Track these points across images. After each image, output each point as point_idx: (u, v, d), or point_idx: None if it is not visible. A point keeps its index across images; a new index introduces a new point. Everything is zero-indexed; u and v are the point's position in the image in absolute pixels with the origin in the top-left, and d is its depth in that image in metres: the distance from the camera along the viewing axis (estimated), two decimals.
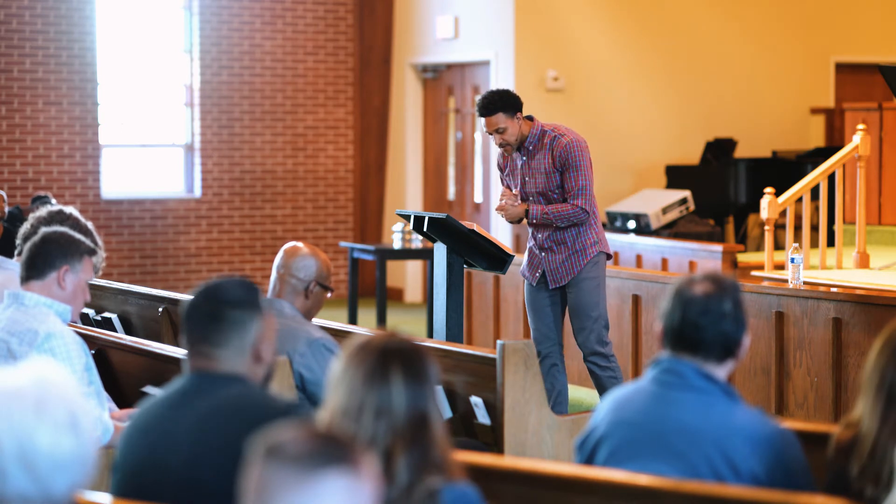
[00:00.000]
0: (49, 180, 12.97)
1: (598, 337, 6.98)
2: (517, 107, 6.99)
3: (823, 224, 9.31)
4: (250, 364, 3.45)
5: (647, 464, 3.37)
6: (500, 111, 6.97)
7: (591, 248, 7.02)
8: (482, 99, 7.02)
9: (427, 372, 3.01)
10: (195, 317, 3.46)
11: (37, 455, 2.37)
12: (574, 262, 7.01)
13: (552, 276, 7.06)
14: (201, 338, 3.43)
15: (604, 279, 7.08)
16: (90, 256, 4.86)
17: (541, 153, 7.00)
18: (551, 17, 12.92)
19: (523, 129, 7.02)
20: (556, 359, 7.10)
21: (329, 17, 14.21)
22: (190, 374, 3.46)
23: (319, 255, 5.11)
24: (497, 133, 7.00)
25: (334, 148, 14.30)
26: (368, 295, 13.52)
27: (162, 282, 13.25)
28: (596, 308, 7.00)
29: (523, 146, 7.04)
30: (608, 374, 6.96)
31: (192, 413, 3.37)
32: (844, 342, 7.45)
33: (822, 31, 13.84)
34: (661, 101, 13.27)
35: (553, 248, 7.04)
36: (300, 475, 2.26)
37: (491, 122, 7.00)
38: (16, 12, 12.83)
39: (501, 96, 7.00)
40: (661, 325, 3.48)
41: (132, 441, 3.45)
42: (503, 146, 7.05)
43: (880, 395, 3.27)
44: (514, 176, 7.14)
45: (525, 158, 7.05)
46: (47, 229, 4.94)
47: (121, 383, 5.56)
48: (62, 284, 4.78)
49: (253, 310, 3.45)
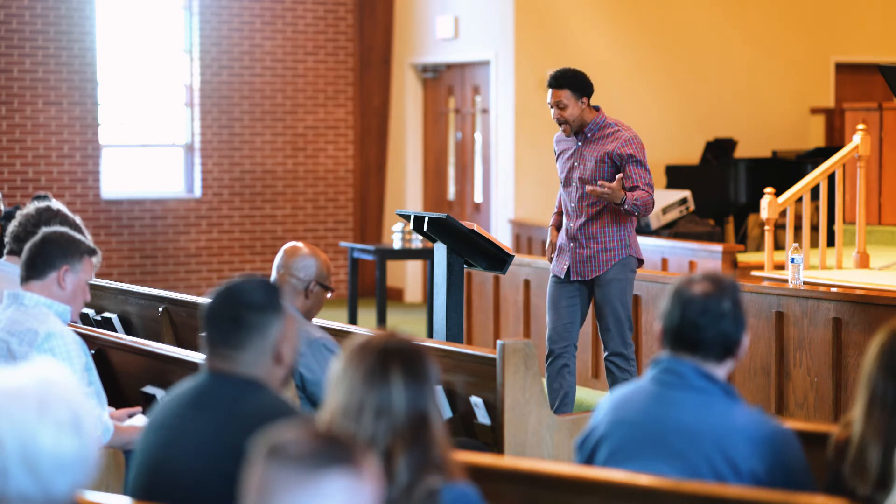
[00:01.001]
0: (49, 180, 12.97)
1: (623, 338, 7.02)
2: (586, 91, 7.08)
3: (823, 224, 9.31)
4: (270, 365, 3.42)
5: (647, 464, 3.37)
6: (568, 88, 7.05)
7: (620, 250, 7.03)
8: (556, 71, 7.13)
9: (427, 372, 3.01)
10: (215, 319, 3.43)
11: (39, 455, 2.37)
12: (601, 260, 7.03)
13: (576, 269, 7.08)
14: (220, 340, 3.41)
15: (632, 282, 7.11)
16: (90, 256, 4.86)
17: (598, 143, 7.05)
18: (551, 17, 12.92)
19: (585, 115, 7.08)
20: (569, 360, 7.10)
21: (329, 17, 14.21)
22: (207, 373, 3.44)
23: (319, 255, 5.11)
24: (557, 107, 7.06)
25: (334, 148, 14.30)
26: (368, 295, 13.52)
27: (162, 282, 13.25)
28: (623, 309, 7.04)
29: (582, 132, 7.10)
30: (625, 376, 6.98)
31: (209, 416, 3.37)
32: (844, 342, 7.45)
33: (822, 31, 13.84)
34: (661, 101, 13.27)
35: (582, 242, 7.07)
36: (302, 475, 2.26)
37: (555, 94, 7.07)
38: (16, 12, 12.83)
39: (574, 74, 7.11)
40: (661, 324, 3.48)
41: (148, 437, 3.47)
42: (560, 123, 7.09)
43: (865, 395, 3.31)
44: (564, 159, 7.18)
45: (580, 144, 7.10)
46: (48, 229, 4.94)
47: (121, 383, 5.56)
48: (62, 284, 4.78)
49: (274, 312, 3.42)
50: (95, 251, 4.91)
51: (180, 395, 3.48)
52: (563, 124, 7.07)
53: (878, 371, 3.31)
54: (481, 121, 13.46)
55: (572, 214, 7.13)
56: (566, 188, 7.17)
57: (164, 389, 5.26)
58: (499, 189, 13.03)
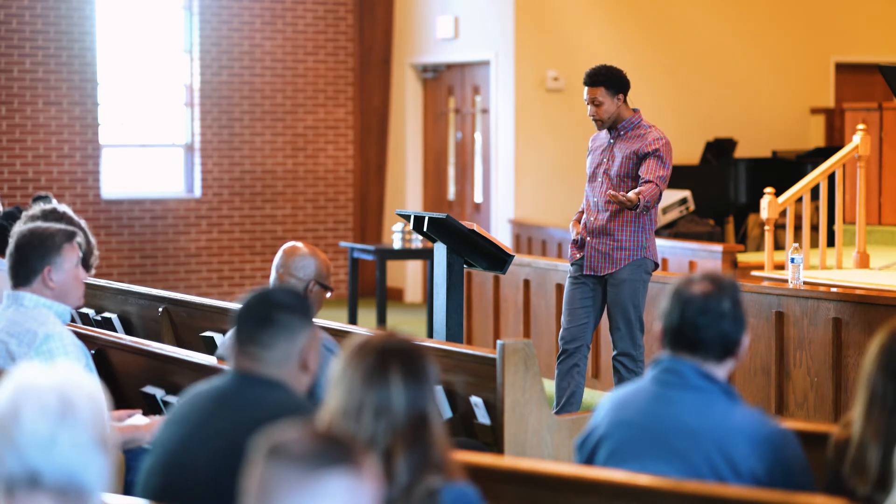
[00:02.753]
0: (49, 180, 12.97)
1: (632, 339, 7.04)
2: (622, 88, 7.11)
3: (823, 224, 9.31)
4: (296, 372, 3.46)
5: (648, 463, 3.37)
6: (603, 86, 7.09)
7: (636, 250, 7.05)
8: (592, 68, 7.17)
9: (426, 371, 3.01)
10: (246, 317, 3.48)
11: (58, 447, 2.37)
12: (615, 258, 7.05)
13: (589, 262, 7.11)
14: (250, 338, 3.45)
15: (646, 284, 7.13)
16: (69, 242, 4.75)
17: (629, 141, 7.08)
18: (551, 17, 12.92)
19: (621, 113, 7.11)
20: (580, 360, 7.13)
21: (329, 17, 14.21)
22: (233, 373, 3.48)
23: (318, 255, 5.11)
24: (593, 104, 7.09)
25: (334, 148, 14.31)
26: (368, 295, 13.52)
27: (162, 282, 13.25)
28: (635, 310, 7.06)
29: (615, 128, 7.12)
30: (632, 377, 6.98)
31: (229, 413, 3.39)
32: (844, 342, 7.45)
33: (822, 31, 13.84)
34: (661, 101, 13.27)
35: (600, 237, 7.09)
36: (303, 475, 2.26)
37: (591, 91, 7.11)
38: (16, 12, 12.83)
39: (610, 72, 7.14)
40: (661, 324, 3.48)
41: (167, 430, 3.49)
42: (596, 120, 7.12)
43: (865, 395, 3.32)
44: (595, 155, 7.21)
45: (612, 141, 7.13)
46: (21, 231, 4.79)
47: (121, 383, 5.56)
48: (50, 285, 4.73)
49: (304, 317, 3.48)
50: (73, 233, 4.78)
51: (203, 392, 3.51)
52: (597, 121, 7.10)
53: (877, 371, 3.31)
54: (481, 121, 13.46)
55: (594, 209, 7.15)
56: (591, 182, 7.19)
57: (165, 389, 5.26)
58: (499, 189, 13.03)
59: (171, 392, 5.21)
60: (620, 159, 7.07)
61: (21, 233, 4.79)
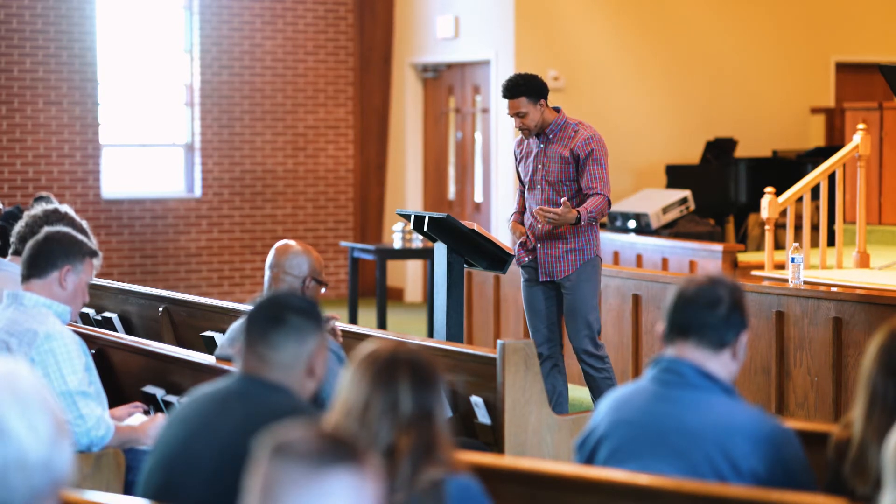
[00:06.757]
0: (49, 180, 12.98)
1: (592, 338, 7.05)
2: (541, 93, 7.01)
3: (824, 224, 9.31)
4: (302, 376, 3.46)
5: (648, 463, 3.37)
6: (524, 95, 6.98)
7: (588, 250, 7.06)
8: (507, 80, 7.04)
9: (435, 378, 3.04)
10: (257, 317, 3.48)
11: None
12: (570, 260, 7.05)
13: (544, 269, 7.09)
14: (259, 338, 3.45)
15: (599, 282, 7.13)
16: (92, 258, 4.87)
17: (559, 143, 7.03)
18: (551, 17, 12.92)
19: (546, 117, 7.04)
20: (558, 360, 7.17)
21: (329, 17, 14.21)
22: (240, 375, 3.48)
23: (311, 252, 5.13)
24: (518, 116, 7.00)
25: (334, 148, 14.31)
26: (369, 295, 13.52)
27: (162, 282, 13.25)
28: (593, 311, 7.07)
29: (543, 133, 7.06)
30: (603, 376, 7.03)
31: (233, 413, 3.40)
32: (845, 342, 7.46)
33: (822, 31, 13.84)
34: (661, 101, 13.28)
35: (550, 243, 7.06)
36: (307, 473, 2.27)
37: (513, 104, 7.01)
38: (16, 12, 12.83)
39: (527, 81, 7.01)
40: (663, 324, 3.49)
41: (169, 430, 3.50)
42: (522, 130, 7.05)
43: (865, 395, 3.32)
44: (527, 162, 7.15)
45: (542, 146, 7.07)
46: (50, 228, 4.94)
47: (121, 383, 5.56)
48: (63, 284, 4.78)
49: (315, 321, 3.48)
50: (97, 253, 4.92)
51: (209, 392, 3.52)
52: (524, 130, 7.04)
53: (877, 371, 3.31)
54: (481, 120, 13.46)
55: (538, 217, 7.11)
56: (531, 191, 7.14)
57: (165, 389, 5.26)
58: (499, 189, 13.04)
59: (171, 392, 5.21)
60: (559, 163, 7.01)
61: (54, 230, 4.90)
